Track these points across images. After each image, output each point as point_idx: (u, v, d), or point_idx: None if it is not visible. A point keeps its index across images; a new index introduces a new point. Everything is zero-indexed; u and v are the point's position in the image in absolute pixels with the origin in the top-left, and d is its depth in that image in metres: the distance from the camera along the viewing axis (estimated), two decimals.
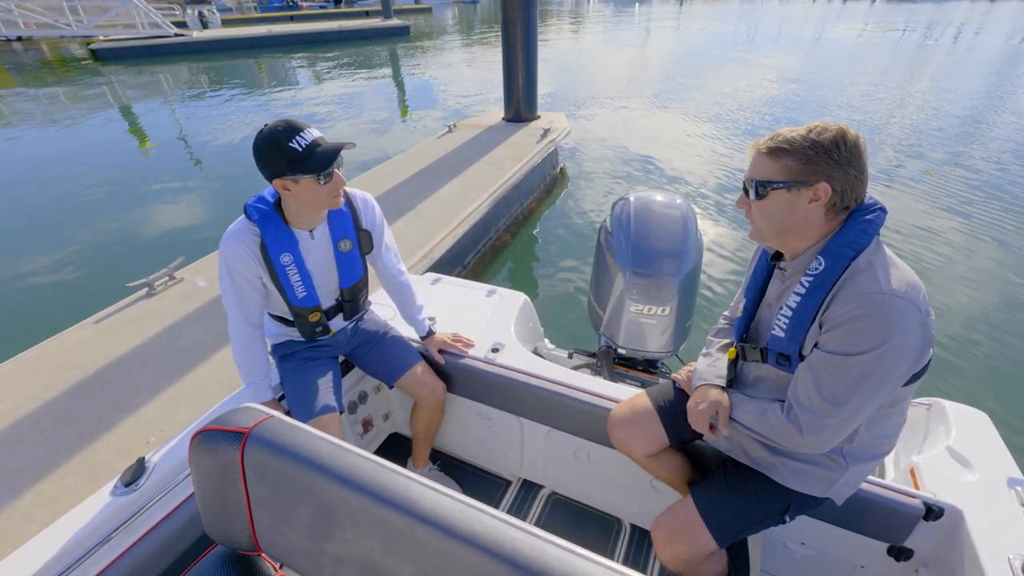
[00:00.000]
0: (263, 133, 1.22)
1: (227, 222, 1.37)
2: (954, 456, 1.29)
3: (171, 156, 7.69)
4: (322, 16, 27.65)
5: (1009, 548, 1.04)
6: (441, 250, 3.73)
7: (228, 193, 6.25)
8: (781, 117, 8.93)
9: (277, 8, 31.55)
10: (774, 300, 1.09)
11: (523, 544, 0.64)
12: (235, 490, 0.82)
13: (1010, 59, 14.79)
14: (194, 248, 3.95)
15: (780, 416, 1.01)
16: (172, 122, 9.67)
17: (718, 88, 11.37)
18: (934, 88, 10.99)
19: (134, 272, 3.33)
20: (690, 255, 1.76)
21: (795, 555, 1.39)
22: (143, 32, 18.92)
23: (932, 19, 28.02)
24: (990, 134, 7.77)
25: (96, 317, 3.05)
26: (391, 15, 24.90)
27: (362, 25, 23.17)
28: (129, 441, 2.21)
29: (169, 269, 3.39)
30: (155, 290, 3.29)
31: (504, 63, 6.66)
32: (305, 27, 22.40)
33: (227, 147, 7.98)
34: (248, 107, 10.57)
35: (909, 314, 0.87)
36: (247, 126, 9.07)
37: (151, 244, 4.99)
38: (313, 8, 31.51)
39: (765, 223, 1.00)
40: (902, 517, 1.16)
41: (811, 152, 0.91)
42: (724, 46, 19.23)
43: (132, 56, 17.37)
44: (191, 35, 19.31)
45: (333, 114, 9.89)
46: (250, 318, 1.39)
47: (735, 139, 7.71)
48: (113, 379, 2.57)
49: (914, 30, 22.98)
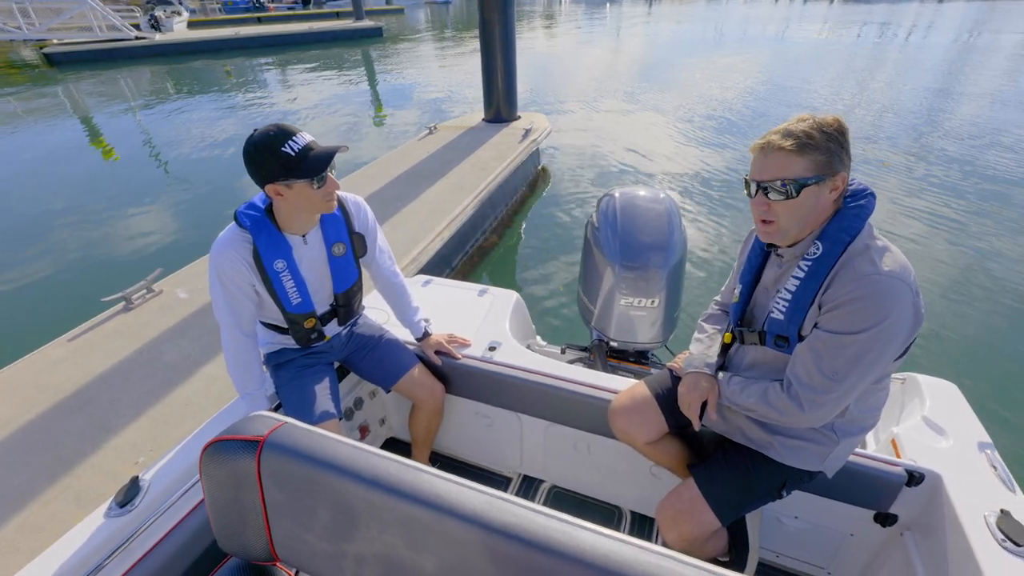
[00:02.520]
0: (254, 138, 1.19)
1: (204, 231, 1.35)
2: (930, 425, 1.36)
3: (138, 165, 7.40)
4: (291, 18, 27.06)
5: (984, 506, 1.12)
6: (429, 253, 3.70)
7: (203, 201, 6.04)
8: (750, 113, 9.18)
9: (243, 9, 30.76)
10: (771, 284, 1.12)
11: (556, 532, 0.65)
12: (250, 499, 0.82)
13: (959, 56, 15.58)
14: (172, 259, 3.81)
15: (781, 394, 1.04)
16: (137, 129, 9.31)
17: (689, 86, 11.62)
18: (890, 84, 11.49)
19: (109, 286, 3.19)
20: (676, 247, 1.82)
21: (790, 528, 1.45)
22: (101, 35, 18.13)
23: (887, 19, 29.30)
24: (942, 126, 8.17)
25: (70, 335, 2.91)
26: (363, 16, 24.53)
27: (333, 27, 22.76)
28: (115, 463, 2.12)
29: (147, 282, 3.26)
30: (133, 304, 3.16)
31: (483, 64, 6.66)
32: (274, 29, 21.89)
33: (198, 154, 7.73)
34: (217, 112, 10.26)
35: (903, 293, 0.91)
36: (217, 132, 8.80)
37: (125, 257, 4.78)
38: (281, 9, 30.83)
39: (792, 221, 0.98)
40: (887, 485, 1.23)
41: (831, 144, 0.94)
42: (694, 45, 19.66)
43: (90, 60, 16.65)
44: (153, 38, 18.62)
45: (307, 117, 9.69)
46: (243, 327, 1.36)
47: (707, 134, 7.89)
48: (93, 399, 2.45)
49: (871, 29, 23.98)
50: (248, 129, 9.51)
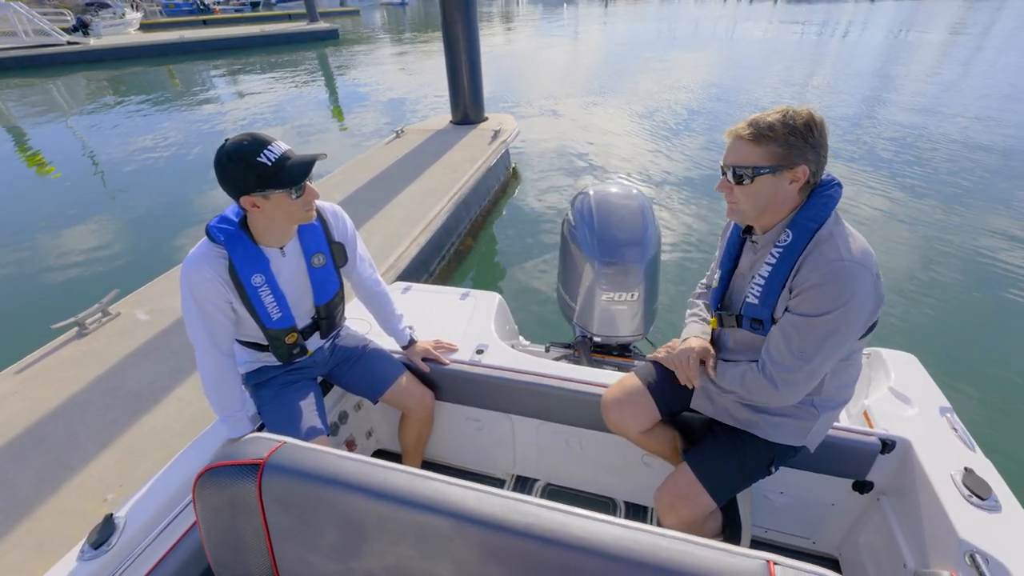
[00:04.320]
0: (226, 149, 1.14)
1: (162, 247, 1.27)
2: (896, 395, 1.45)
3: (81, 180, 6.91)
4: (240, 20, 26.00)
5: (950, 466, 1.20)
6: (407, 258, 3.63)
7: (157, 215, 5.69)
8: (708, 107, 9.50)
9: (186, 12, 29.32)
10: (746, 270, 1.17)
11: (576, 528, 0.66)
12: (251, 526, 0.79)
13: (890, 51, 16.68)
14: (128, 278, 3.57)
15: (757, 375, 1.11)
16: (75, 141, 8.70)
17: (648, 83, 11.91)
18: (832, 77, 12.17)
19: (59, 311, 2.95)
20: (651, 242, 1.88)
21: (776, 504, 1.52)
22: (27, 40, 16.89)
23: (826, 17, 31.03)
24: (881, 117, 8.71)
25: (18, 366, 2.67)
26: (317, 18, 23.89)
27: (287, 29, 22.06)
28: (80, 503, 1.95)
29: (102, 304, 3.04)
30: (87, 329, 2.94)
31: (448, 65, 6.59)
32: (223, 32, 21.01)
33: (148, 166, 7.29)
34: (165, 121, 9.73)
35: (864, 277, 0.97)
36: (166, 142, 8.33)
37: (75, 279, 4.44)
38: (228, 11, 29.55)
39: (749, 205, 1.06)
40: (863, 454, 1.30)
41: (791, 138, 0.98)
42: (650, 44, 20.19)
43: (16, 67, 15.51)
44: (88, 43, 17.46)
45: (262, 124, 9.33)
46: (221, 347, 1.30)
47: (668, 129, 8.11)
48: (49, 435, 2.26)
49: (812, 27, 25.33)
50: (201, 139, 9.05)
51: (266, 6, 32.66)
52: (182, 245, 4.74)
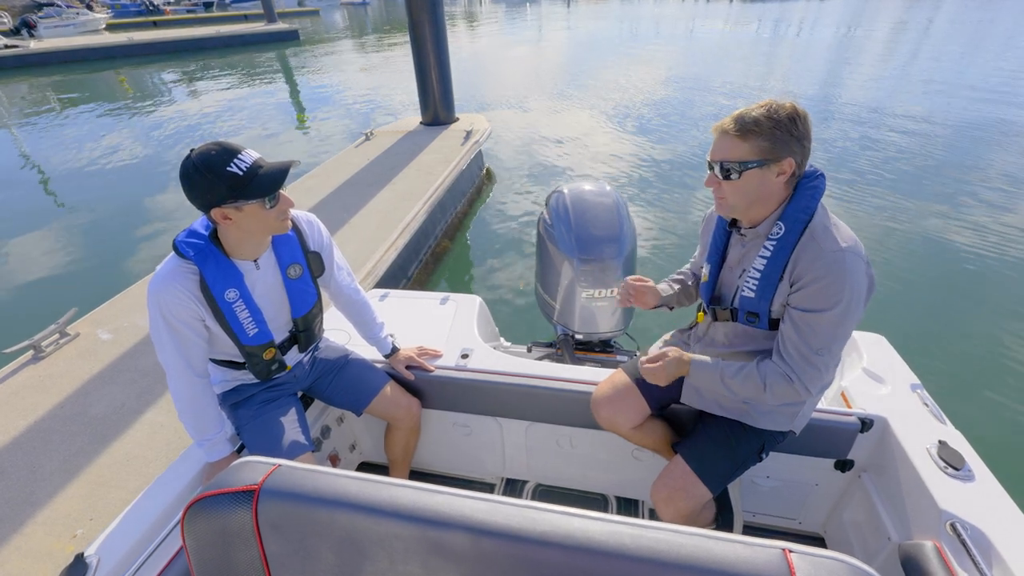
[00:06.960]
0: (192, 160, 1.08)
1: (122, 262, 1.20)
2: (870, 375, 1.51)
3: (25, 192, 6.48)
4: (193, 22, 24.93)
5: (924, 440, 1.26)
6: (385, 264, 3.56)
7: (114, 229, 5.37)
8: (671, 102, 9.71)
9: (134, 13, 27.92)
10: (735, 264, 1.18)
11: (595, 532, 0.66)
12: (247, 554, 0.76)
13: (839, 48, 17.50)
14: (86, 297, 3.36)
15: (777, 379, 1.07)
16: (15, 151, 8.15)
17: (613, 80, 12.07)
18: (788, 71, 12.67)
19: (10, 335, 2.76)
20: (627, 237, 1.91)
21: (763, 489, 1.56)
22: None
23: (779, 16, 32.26)
24: (834, 107, 9.12)
25: None
26: (275, 19, 23.11)
27: (244, 30, 21.28)
28: (45, 540, 1.83)
29: (59, 325, 2.85)
30: (43, 352, 2.75)
31: (416, 66, 6.50)
32: (176, 33, 20.11)
33: (100, 177, 6.89)
34: (115, 129, 9.22)
35: (858, 264, 1.01)
36: (119, 151, 7.91)
37: (26, 299, 4.14)
38: (179, 12, 28.31)
39: (737, 199, 1.07)
40: (843, 434, 1.35)
41: (777, 132, 1.00)
42: (613, 42, 20.49)
43: None
44: (28, 45, 16.38)
45: (222, 130, 8.96)
46: (195, 367, 1.24)
47: (635, 124, 8.25)
48: (8, 468, 2.10)
49: (766, 25, 26.30)
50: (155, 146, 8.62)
51: (220, 7, 31.39)
52: (143, 258, 4.50)
